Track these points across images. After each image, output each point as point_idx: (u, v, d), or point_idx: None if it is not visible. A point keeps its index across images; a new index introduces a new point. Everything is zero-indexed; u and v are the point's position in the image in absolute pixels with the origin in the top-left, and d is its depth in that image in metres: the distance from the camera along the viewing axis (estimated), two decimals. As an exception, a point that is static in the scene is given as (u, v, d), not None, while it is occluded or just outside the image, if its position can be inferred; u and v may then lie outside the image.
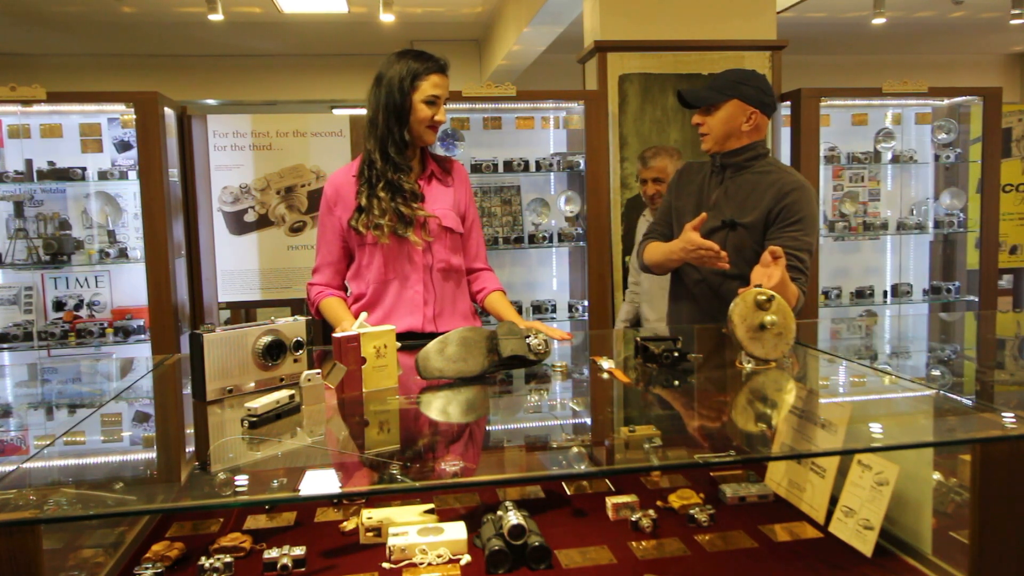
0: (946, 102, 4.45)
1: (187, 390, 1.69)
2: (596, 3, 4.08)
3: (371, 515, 1.52)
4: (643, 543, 1.49)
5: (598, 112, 3.90)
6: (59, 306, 3.91)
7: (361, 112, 2.43)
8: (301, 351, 1.71)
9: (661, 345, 1.80)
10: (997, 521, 1.25)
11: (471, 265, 2.39)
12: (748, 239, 2.36)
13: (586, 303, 3.96)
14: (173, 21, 7.09)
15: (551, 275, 4.31)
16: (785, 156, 4.14)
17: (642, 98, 3.98)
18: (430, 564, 1.40)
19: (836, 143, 4.31)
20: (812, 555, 1.45)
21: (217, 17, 5.11)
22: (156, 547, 1.47)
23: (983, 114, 4.27)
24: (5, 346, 3.76)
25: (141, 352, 3.81)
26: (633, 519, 1.55)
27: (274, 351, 1.66)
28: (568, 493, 1.73)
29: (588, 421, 1.60)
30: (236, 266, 4.05)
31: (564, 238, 4.02)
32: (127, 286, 3.96)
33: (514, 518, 1.42)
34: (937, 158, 4.44)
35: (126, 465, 1.46)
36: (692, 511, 1.57)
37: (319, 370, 1.58)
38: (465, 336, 1.72)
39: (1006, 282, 5.74)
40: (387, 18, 5.15)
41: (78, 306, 3.93)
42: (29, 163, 3.74)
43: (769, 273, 1.99)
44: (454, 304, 2.33)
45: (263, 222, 4.04)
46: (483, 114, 4.09)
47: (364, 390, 1.64)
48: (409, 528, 1.46)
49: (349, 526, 1.56)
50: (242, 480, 1.17)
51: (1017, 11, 5.23)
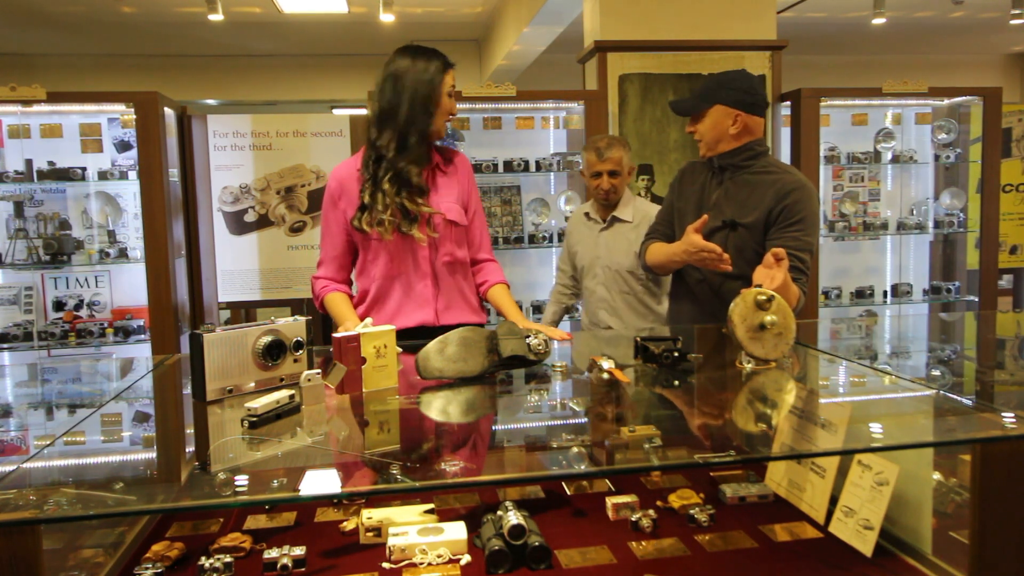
0: (946, 102, 4.45)
1: (187, 390, 1.69)
2: (596, 3, 4.08)
3: (371, 515, 1.52)
4: (643, 543, 1.49)
5: (598, 112, 3.90)
6: (59, 306, 3.91)
7: (361, 112, 2.44)
8: (301, 351, 1.71)
9: (661, 345, 1.80)
10: (997, 521, 1.25)
11: (475, 256, 2.39)
12: (749, 239, 2.36)
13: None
14: (173, 21, 7.09)
15: (551, 275, 4.30)
16: (785, 156, 4.14)
17: (642, 98, 3.98)
18: (430, 564, 1.40)
19: (836, 143, 4.31)
20: (812, 555, 1.45)
21: (217, 17, 5.10)
22: (156, 547, 1.47)
23: (983, 114, 4.27)
24: (5, 346, 3.76)
25: (141, 352, 3.81)
26: (633, 519, 1.55)
27: (274, 351, 1.66)
28: (568, 493, 1.73)
29: (588, 421, 1.60)
30: (236, 266, 4.05)
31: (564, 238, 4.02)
32: (127, 286, 3.96)
33: (514, 518, 1.42)
34: (937, 158, 4.44)
35: (126, 465, 1.46)
36: (692, 511, 1.57)
37: (319, 370, 1.58)
38: (465, 336, 1.72)
39: (1006, 282, 5.74)
40: (387, 18, 5.15)
41: (78, 306, 3.93)
42: (29, 163, 3.74)
43: (772, 275, 1.98)
44: (462, 297, 2.33)
45: (263, 222, 4.04)
46: (483, 114, 4.09)
47: (364, 390, 1.64)
48: (409, 528, 1.46)
49: (349, 526, 1.56)
50: (242, 480, 1.17)
51: (1017, 11, 5.23)
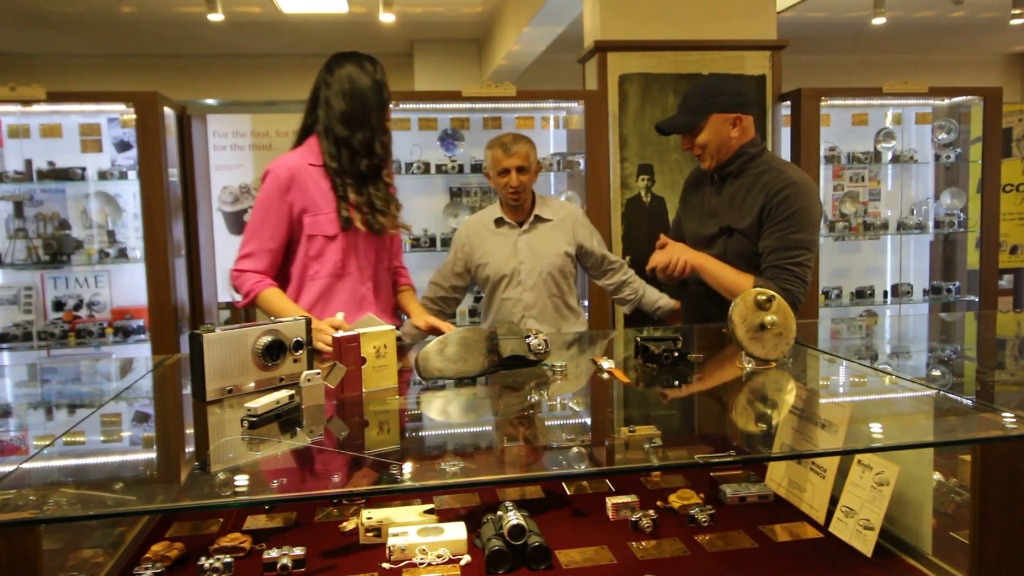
0: (946, 102, 4.45)
1: (187, 390, 1.69)
2: (596, 3, 4.08)
3: (371, 515, 1.52)
4: (643, 543, 1.49)
5: (598, 112, 3.90)
6: (59, 306, 3.91)
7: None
8: (301, 351, 1.71)
9: (661, 345, 1.80)
10: (997, 521, 1.25)
11: (392, 263, 2.50)
12: (747, 243, 2.36)
13: (586, 303, 3.95)
14: (173, 21, 7.09)
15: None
16: (785, 156, 4.13)
17: (642, 98, 3.98)
18: (430, 564, 1.39)
19: (836, 143, 4.31)
20: (812, 555, 1.45)
21: (217, 17, 5.10)
22: (156, 547, 1.47)
23: (983, 114, 4.26)
24: (5, 346, 3.76)
25: (141, 352, 3.81)
26: (633, 519, 1.55)
27: (274, 351, 1.66)
28: (568, 493, 1.73)
29: (588, 421, 1.60)
30: (236, 266, 4.04)
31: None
32: (127, 286, 3.96)
33: (514, 518, 1.42)
34: (937, 158, 4.44)
35: (126, 465, 1.46)
36: (692, 511, 1.57)
37: (319, 370, 1.58)
38: (465, 336, 1.72)
39: (1006, 282, 5.74)
40: (387, 18, 5.15)
41: (78, 306, 3.93)
42: (29, 163, 3.74)
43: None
44: (388, 301, 2.45)
45: (263, 222, 4.03)
46: (483, 114, 4.08)
47: (364, 390, 1.64)
48: (409, 528, 1.46)
49: (349, 526, 1.56)
50: (242, 480, 1.17)
51: (1017, 11, 5.23)
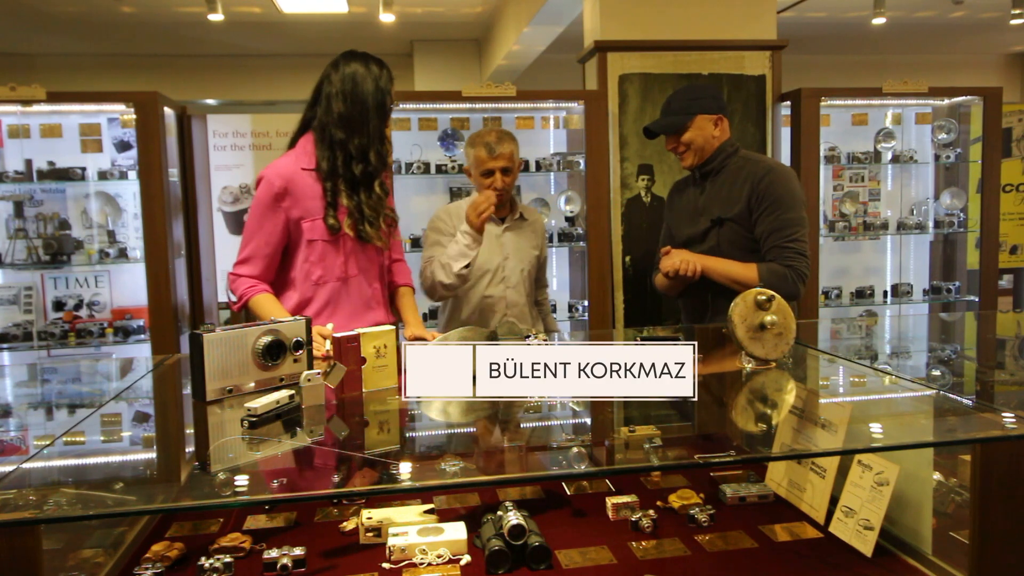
0: (946, 102, 4.45)
1: (187, 390, 1.69)
2: (596, 3, 4.08)
3: (371, 515, 1.52)
4: (643, 543, 1.49)
5: (598, 112, 3.90)
6: (59, 306, 3.91)
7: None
8: (301, 351, 1.71)
9: (661, 345, 1.80)
10: (997, 521, 1.25)
11: (393, 256, 2.50)
12: (739, 231, 2.52)
13: (586, 303, 3.95)
14: (173, 21, 7.09)
15: (551, 275, 4.29)
16: (785, 156, 4.13)
17: (642, 98, 3.98)
18: (430, 564, 1.40)
19: (836, 143, 4.31)
20: (812, 555, 1.45)
21: (217, 17, 5.10)
22: (156, 547, 1.47)
23: (983, 114, 4.26)
24: (5, 346, 3.76)
25: (141, 352, 3.80)
26: (633, 519, 1.55)
27: (274, 351, 1.66)
28: (568, 493, 1.73)
29: (588, 421, 1.60)
30: (236, 266, 4.04)
31: (564, 238, 4.02)
32: (127, 286, 3.95)
33: (514, 518, 1.42)
34: (937, 158, 4.44)
35: (126, 465, 1.46)
36: (692, 511, 1.57)
37: (319, 370, 1.58)
38: (465, 336, 1.73)
39: (1006, 282, 5.74)
40: (387, 18, 5.15)
41: (78, 306, 3.92)
42: (29, 163, 3.74)
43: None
44: (385, 297, 2.45)
45: (263, 222, 4.03)
46: (483, 114, 4.08)
47: (364, 390, 1.64)
48: (409, 528, 1.46)
49: (349, 526, 1.56)
50: (242, 480, 1.17)
51: (1017, 11, 5.22)
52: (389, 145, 2.35)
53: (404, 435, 1.55)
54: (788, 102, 4.11)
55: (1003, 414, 1.36)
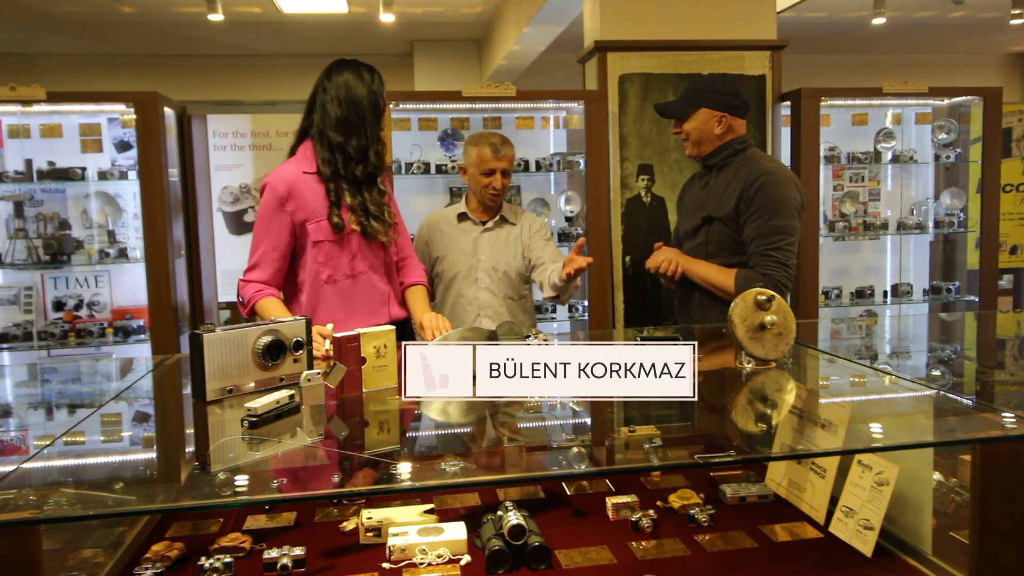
0: (946, 102, 4.45)
1: (187, 390, 1.69)
2: (596, 3, 4.08)
3: (371, 515, 1.52)
4: (643, 543, 1.49)
5: (598, 112, 3.90)
6: (59, 306, 3.91)
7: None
8: (301, 351, 1.71)
9: (661, 345, 1.80)
10: (997, 521, 1.25)
11: (401, 254, 2.53)
12: (727, 231, 2.50)
13: (586, 303, 3.95)
14: (173, 21, 7.09)
15: (551, 275, 4.30)
16: (785, 156, 4.13)
17: (642, 98, 3.98)
18: (430, 564, 1.40)
19: (836, 143, 4.31)
20: (812, 555, 1.45)
21: (217, 17, 5.10)
22: (156, 547, 1.47)
23: (983, 114, 4.26)
24: (5, 346, 3.76)
25: (141, 352, 3.80)
26: (633, 519, 1.55)
27: (274, 351, 1.66)
28: (568, 493, 1.73)
29: (588, 421, 1.60)
30: (236, 266, 4.04)
31: (564, 238, 4.02)
32: (127, 286, 3.95)
33: (514, 518, 1.42)
34: (937, 158, 4.43)
35: (126, 465, 1.46)
36: (692, 511, 1.57)
37: (319, 370, 1.58)
38: (465, 337, 1.72)
39: (1006, 282, 5.74)
40: (387, 18, 5.15)
41: (78, 306, 3.92)
42: (29, 163, 3.74)
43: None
44: (396, 292, 2.47)
45: (263, 222, 4.03)
46: (483, 114, 4.08)
47: (364, 390, 1.64)
48: (409, 528, 1.46)
49: (349, 526, 1.56)
50: (242, 480, 1.17)
51: (1017, 11, 5.22)
52: (386, 145, 2.36)
53: (404, 435, 1.55)
54: (788, 102, 4.11)
55: (1003, 414, 1.36)
